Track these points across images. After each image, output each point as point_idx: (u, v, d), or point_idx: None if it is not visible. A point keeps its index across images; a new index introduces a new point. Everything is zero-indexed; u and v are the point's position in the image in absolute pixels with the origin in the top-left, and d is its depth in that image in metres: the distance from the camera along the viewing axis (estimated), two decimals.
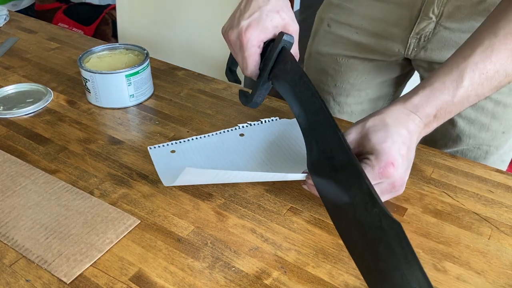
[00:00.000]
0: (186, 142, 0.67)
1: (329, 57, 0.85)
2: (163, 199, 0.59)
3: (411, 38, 0.74)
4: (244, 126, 0.70)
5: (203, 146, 0.66)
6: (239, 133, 0.69)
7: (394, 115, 0.52)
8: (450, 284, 0.48)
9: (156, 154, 0.65)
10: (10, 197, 0.58)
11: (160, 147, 0.66)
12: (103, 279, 0.49)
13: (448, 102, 0.52)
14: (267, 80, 0.60)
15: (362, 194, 0.42)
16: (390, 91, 0.89)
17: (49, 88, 0.82)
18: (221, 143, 0.67)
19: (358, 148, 0.52)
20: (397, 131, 0.50)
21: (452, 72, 0.52)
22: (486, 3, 0.66)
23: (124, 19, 1.26)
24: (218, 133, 0.69)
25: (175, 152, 0.65)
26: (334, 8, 0.82)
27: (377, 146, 0.49)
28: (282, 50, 0.58)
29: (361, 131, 0.51)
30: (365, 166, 0.49)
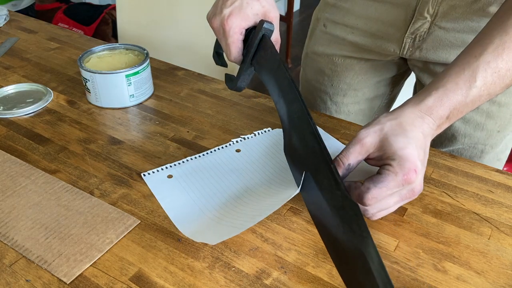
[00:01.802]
0: (182, 165, 0.64)
1: (325, 57, 0.85)
2: None
3: (406, 38, 0.74)
4: (238, 140, 0.68)
5: (200, 167, 0.63)
6: (235, 149, 0.66)
7: (410, 119, 0.51)
8: (450, 284, 0.48)
9: (152, 182, 0.61)
10: (10, 197, 0.58)
11: (155, 173, 0.62)
12: (103, 279, 0.49)
13: (461, 102, 0.52)
14: (250, 66, 0.61)
15: (328, 179, 0.46)
16: (387, 90, 0.89)
17: (49, 88, 0.82)
18: (218, 161, 0.64)
19: (378, 152, 0.51)
20: (415, 135, 0.50)
21: (464, 72, 0.52)
22: (481, 2, 0.66)
23: (124, 19, 1.26)
24: (213, 151, 0.66)
25: (173, 177, 0.61)
26: (329, 8, 0.82)
27: (399, 152, 0.48)
28: (262, 38, 0.59)
29: (379, 135, 0.50)
30: (388, 173, 0.48)
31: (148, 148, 0.68)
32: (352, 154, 0.51)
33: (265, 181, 0.60)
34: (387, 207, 0.50)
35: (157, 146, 0.68)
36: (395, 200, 0.50)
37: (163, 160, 0.65)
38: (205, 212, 0.55)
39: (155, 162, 0.65)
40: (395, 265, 0.50)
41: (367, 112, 0.90)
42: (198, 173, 0.62)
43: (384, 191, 0.48)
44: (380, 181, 0.48)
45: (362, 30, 0.78)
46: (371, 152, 0.51)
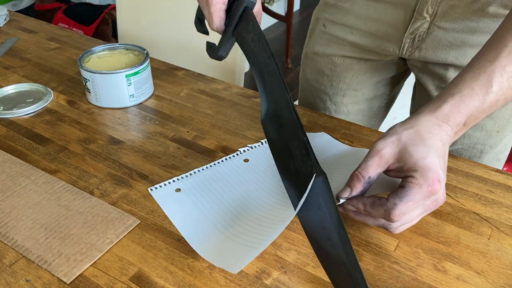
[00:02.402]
0: (190, 177, 0.61)
1: (325, 57, 0.85)
2: None
3: (406, 38, 0.74)
4: (246, 150, 0.66)
5: (209, 179, 0.61)
6: (243, 159, 0.65)
7: (427, 127, 0.50)
8: (450, 284, 0.48)
9: (160, 196, 0.58)
10: (10, 197, 0.58)
11: (162, 187, 0.60)
12: (103, 279, 0.49)
13: (478, 108, 0.51)
14: (232, 36, 0.61)
15: (300, 148, 0.48)
16: (386, 90, 0.89)
17: (49, 88, 0.82)
18: (227, 172, 0.62)
19: (398, 163, 0.49)
20: (434, 143, 0.49)
21: (480, 77, 0.51)
22: (480, 2, 0.66)
23: (124, 19, 1.26)
24: (221, 161, 0.64)
25: (181, 191, 0.59)
26: (329, 8, 0.82)
27: (420, 162, 0.47)
28: (245, 10, 0.59)
29: (397, 145, 0.49)
30: (412, 185, 0.47)
31: (148, 148, 0.68)
32: (371, 167, 0.49)
33: (277, 192, 0.58)
34: (411, 219, 0.49)
35: (157, 146, 0.68)
36: (419, 212, 0.48)
37: (163, 160, 0.65)
38: (220, 229, 0.53)
39: (155, 162, 0.65)
40: (395, 265, 0.50)
41: (367, 112, 0.90)
42: (207, 185, 0.60)
43: (410, 205, 0.47)
44: (405, 195, 0.47)
45: (361, 30, 0.78)
46: (390, 164, 0.50)
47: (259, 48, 0.55)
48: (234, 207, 0.56)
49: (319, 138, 0.69)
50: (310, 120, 0.74)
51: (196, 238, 0.52)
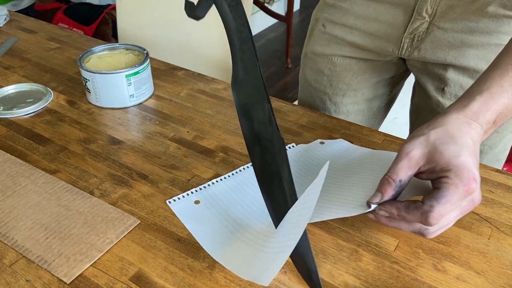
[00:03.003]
0: (208, 188, 0.60)
1: (324, 57, 0.85)
2: (163, 199, 0.59)
3: (405, 38, 0.74)
4: None
5: (228, 190, 0.60)
6: None
7: (456, 126, 0.48)
8: (450, 284, 0.48)
9: (179, 209, 0.57)
10: (10, 197, 0.58)
11: (180, 199, 0.58)
12: (103, 279, 0.49)
13: (507, 105, 0.50)
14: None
15: (264, 114, 0.49)
16: (386, 91, 0.89)
17: (49, 88, 0.82)
18: (245, 182, 0.61)
19: (428, 164, 0.47)
20: (465, 142, 0.47)
21: (508, 73, 0.50)
22: (479, 2, 0.66)
23: (124, 19, 1.26)
24: (238, 172, 0.63)
25: (200, 203, 0.58)
26: (328, 8, 0.82)
27: (453, 161, 0.45)
28: None
29: (426, 145, 0.48)
30: (447, 186, 0.45)
31: (148, 148, 0.68)
32: (402, 170, 0.47)
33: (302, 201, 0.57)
34: (448, 223, 0.47)
35: (157, 146, 0.68)
36: (456, 214, 0.47)
37: (163, 160, 0.65)
38: (243, 239, 0.52)
39: (155, 162, 0.65)
40: (395, 265, 0.50)
41: (367, 112, 0.90)
42: (226, 196, 0.59)
43: (448, 207, 0.45)
44: (442, 196, 0.45)
45: (361, 30, 0.78)
46: (421, 165, 0.48)
47: (235, 13, 0.54)
48: (255, 217, 0.55)
49: (337, 145, 0.67)
50: (310, 120, 0.74)
51: (221, 251, 0.51)
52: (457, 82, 0.74)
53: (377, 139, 0.70)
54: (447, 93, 0.76)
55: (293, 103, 0.79)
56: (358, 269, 0.50)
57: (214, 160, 0.66)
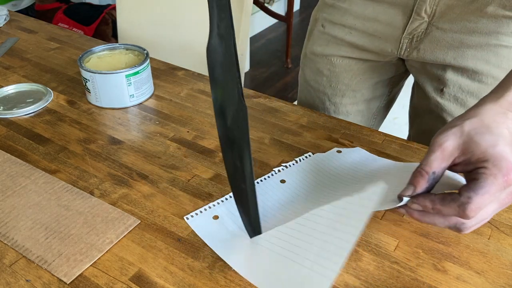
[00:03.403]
0: (226, 202, 0.58)
1: (323, 57, 0.85)
2: (163, 199, 0.59)
3: (404, 39, 0.74)
4: (280, 169, 0.63)
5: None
6: (279, 180, 0.61)
7: (491, 116, 0.46)
8: (450, 284, 0.48)
9: (198, 226, 0.55)
10: (10, 197, 0.58)
11: (198, 215, 0.56)
12: (103, 279, 0.49)
13: None
14: None
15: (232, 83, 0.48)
16: (385, 91, 0.89)
17: (49, 88, 0.82)
18: (266, 196, 0.59)
19: (464, 156, 0.46)
20: (501, 132, 0.45)
21: None
22: (478, 2, 0.66)
23: (124, 19, 1.26)
24: (256, 183, 0.60)
25: (219, 218, 0.56)
26: (327, 8, 0.82)
27: (490, 151, 0.44)
28: None
29: (461, 136, 0.46)
30: (485, 176, 0.43)
31: (148, 148, 0.68)
32: (435, 162, 0.46)
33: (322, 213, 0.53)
34: (486, 217, 0.46)
35: (157, 146, 0.68)
36: (494, 207, 0.45)
37: (163, 160, 0.65)
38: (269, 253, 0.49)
39: (155, 162, 0.65)
40: (395, 265, 0.50)
41: (366, 113, 0.90)
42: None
43: (486, 198, 0.43)
44: (480, 187, 0.43)
45: (360, 31, 0.78)
46: (456, 157, 0.46)
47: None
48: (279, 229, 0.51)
49: (355, 154, 0.66)
50: (310, 120, 0.74)
51: (244, 265, 0.49)
52: (456, 83, 0.74)
53: (377, 139, 0.70)
54: (446, 94, 0.76)
55: (293, 103, 0.79)
56: (358, 269, 0.50)
57: (214, 160, 0.66)
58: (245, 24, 1.07)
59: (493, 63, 0.71)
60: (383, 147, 0.68)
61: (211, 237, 0.53)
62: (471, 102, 0.74)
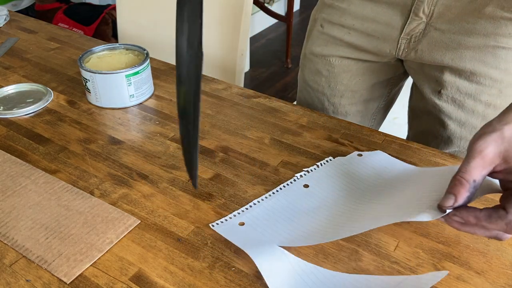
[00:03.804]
0: (250, 210, 0.57)
1: (322, 58, 0.85)
2: (163, 199, 0.59)
3: (402, 39, 0.74)
4: (302, 175, 0.63)
5: (272, 210, 0.57)
6: (302, 185, 0.61)
7: None
8: (450, 284, 0.48)
9: (225, 231, 0.54)
10: (10, 197, 0.58)
11: (224, 222, 0.56)
12: (103, 279, 0.49)
13: None
14: None
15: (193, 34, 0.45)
16: (384, 92, 0.89)
17: (49, 88, 0.82)
18: (290, 201, 0.58)
19: (505, 164, 0.44)
20: None
21: None
22: (477, 3, 0.66)
23: (124, 19, 1.26)
24: (280, 189, 0.60)
25: (245, 225, 0.55)
26: (326, 8, 0.82)
27: None
28: None
29: (502, 143, 0.44)
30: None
31: (148, 148, 0.68)
32: (475, 169, 0.44)
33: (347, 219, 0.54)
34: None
35: (157, 146, 0.68)
36: None
37: (163, 160, 0.65)
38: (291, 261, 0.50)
39: (155, 162, 0.65)
40: (395, 265, 0.50)
41: (365, 114, 0.90)
42: (271, 217, 0.56)
43: None
44: None
45: (358, 31, 0.78)
46: (497, 164, 0.44)
47: None
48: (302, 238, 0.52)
49: (377, 157, 0.65)
50: (310, 120, 0.74)
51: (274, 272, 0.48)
52: (454, 85, 0.74)
53: (377, 139, 0.70)
54: (443, 96, 0.76)
55: (293, 103, 0.79)
56: (358, 269, 0.50)
57: (214, 160, 0.66)
58: (245, 24, 1.07)
59: (491, 64, 0.71)
60: (383, 147, 0.68)
61: (241, 241, 0.52)
62: (469, 104, 0.74)
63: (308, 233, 0.53)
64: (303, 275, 0.48)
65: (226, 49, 1.11)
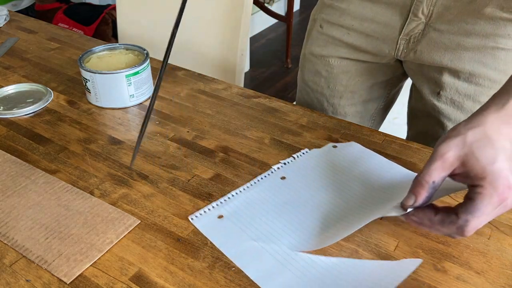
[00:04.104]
0: (228, 201, 0.58)
1: (322, 58, 0.85)
2: (163, 199, 0.59)
3: (401, 39, 0.74)
4: (279, 167, 0.64)
5: (251, 202, 0.58)
6: (279, 177, 0.62)
7: (494, 126, 0.46)
8: (450, 284, 0.48)
9: (204, 226, 0.55)
10: (10, 197, 0.58)
11: (202, 215, 0.56)
12: (103, 279, 0.49)
13: None
14: None
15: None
16: (383, 93, 0.89)
17: (49, 88, 0.82)
18: (267, 193, 0.59)
19: (463, 168, 0.46)
20: (503, 145, 0.45)
21: None
22: (476, 3, 0.66)
23: (124, 19, 1.26)
24: (257, 181, 0.61)
25: (224, 217, 0.56)
26: (326, 9, 0.82)
27: (488, 168, 0.44)
28: None
29: (462, 148, 0.46)
30: (481, 196, 0.45)
31: (148, 148, 0.68)
32: (435, 171, 0.46)
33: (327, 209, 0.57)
34: (481, 226, 0.47)
35: (157, 146, 0.68)
36: (488, 219, 0.47)
37: (163, 160, 0.65)
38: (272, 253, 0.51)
39: (155, 162, 0.65)
40: None
41: (364, 114, 0.90)
42: (249, 209, 0.57)
43: (483, 219, 0.45)
44: (476, 209, 0.45)
45: (357, 31, 0.78)
46: (456, 167, 0.47)
47: None
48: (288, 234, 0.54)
49: (351, 149, 0.67)
50: (310, 120, 0.74)
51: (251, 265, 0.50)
52: (453, 86, 0.74)
53: (377, 139, 0.70)
54: (442, 97, 0.76)
55: (293, 103, 0.79)
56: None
57: (214, 160, 0.66)
58: (245, 24, 1.07)
59: (490, 65, 0.70)
60: (383, 147, 0.68)
61: (217, 236, 0.53)
62: (468, 105, 0.74)
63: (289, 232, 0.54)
64: (284, 262, 0.50)
65: (226, 49, 1.11)
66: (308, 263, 0.50)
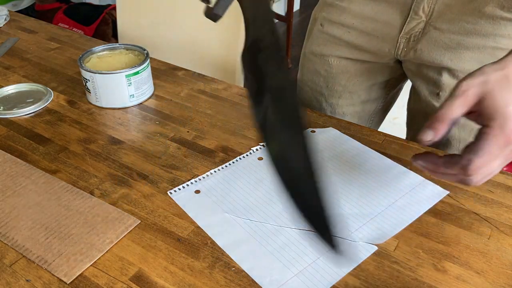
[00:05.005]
0: (207, 178, 0.62)
1: (321, 58, 0.85)
2: (163, 199, 0.59)
3: (401, 38, 0.74)
4: (258, 148, 0.67)
5: (226, 179, 0.62)
6: (257, 157, 0.65)
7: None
8: (450, 284, 0.48)
9: (181, 199, 0.59)
10: (10, 197, 0.58)
11: (181, 190, 0.60)
12: (103, 279, 0.49)
13: None
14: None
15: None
16: (382, 94, 0.89)
17: (49, 88, 0.82)
18: (244, 171, 0.63)
19: (478, 106, 0.46)
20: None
21: None
22: (477, 2, 0.66)
23: (124, 19, 1.26)
24: (235, 161, 0.65)
25: (200, 192, 0.59)
26: (327, 7, 0.82)
27: (501, 110, 0.45)
28: None
29: (483, 87, 0.46)
30: (486, 137, 0.45)
31: (148, 148, 0.68)
32: (457, 108, 0.46)
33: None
34: (492, 171, 0.47)
35: (157, 146, 0.68)
36: (499, 162, 0.46)
37: (163, 160, 0.65)
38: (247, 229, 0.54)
39: (155, 162, 0.65)
40: (395, 265, 0.50)
41: (362, 115, 0.90)
42: (225, 185, 0.61)
43: (487, 158, 0.45)
44: (480, 148, 0.45)
45: (358, 30, 0.78)
46: (473, 105, 0.47)
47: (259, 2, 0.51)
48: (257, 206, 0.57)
49: (327, 133, 0.71)
50: (310, 120, 0.74)
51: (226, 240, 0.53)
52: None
53: (377, 139, 0.70)
54: (442, 98, 0.76)
55: None
56: (358, 269, 0.50)
57: (214, 160, 0.66)
58: None
59: None
60: (383, 147, 0.68)
61: (192, 209, 0.57)
62: None
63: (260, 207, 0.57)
64: (252, 232, 0.54)
65: (226, 49, 1.11)
66: (274, 233, 0.53)
